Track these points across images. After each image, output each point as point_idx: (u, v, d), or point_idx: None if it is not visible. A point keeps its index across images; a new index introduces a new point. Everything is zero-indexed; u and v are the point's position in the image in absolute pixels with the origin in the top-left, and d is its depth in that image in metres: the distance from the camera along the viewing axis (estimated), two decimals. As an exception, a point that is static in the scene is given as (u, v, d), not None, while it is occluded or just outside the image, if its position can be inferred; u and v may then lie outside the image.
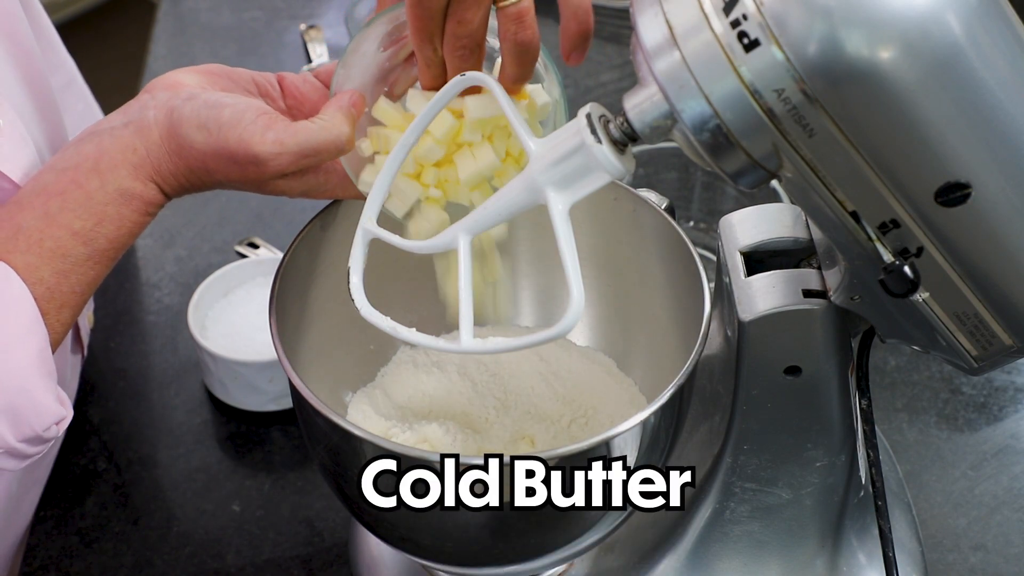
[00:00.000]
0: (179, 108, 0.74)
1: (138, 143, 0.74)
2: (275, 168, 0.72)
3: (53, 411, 0.74)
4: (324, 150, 0.73)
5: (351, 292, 0.73)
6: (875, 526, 0.81)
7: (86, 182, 0.73)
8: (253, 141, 0.72)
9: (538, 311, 0.92)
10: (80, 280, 0.74)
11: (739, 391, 0.78)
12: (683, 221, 1.14)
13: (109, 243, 0.74)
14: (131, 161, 0.73)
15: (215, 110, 0.73)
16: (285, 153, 0.72)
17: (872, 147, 0.61)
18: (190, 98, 0.74)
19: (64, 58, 1.09)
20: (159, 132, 0.74)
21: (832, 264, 0.74)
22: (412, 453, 0.71)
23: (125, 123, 0.74)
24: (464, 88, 0.73)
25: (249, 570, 0.95)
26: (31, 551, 0.96)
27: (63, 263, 0.73)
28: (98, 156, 0.73)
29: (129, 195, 0.73)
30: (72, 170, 0.73)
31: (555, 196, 0.67)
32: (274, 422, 1.05)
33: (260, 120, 0.72)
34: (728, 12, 0.59)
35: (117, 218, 0.73)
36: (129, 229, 0.74)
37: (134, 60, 1.67)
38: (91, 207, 0.73)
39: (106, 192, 0.73)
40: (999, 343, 0.70)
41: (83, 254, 0.73)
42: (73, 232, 0.73)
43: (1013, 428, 1.04)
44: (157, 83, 0.77)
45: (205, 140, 0.72)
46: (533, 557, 0.77)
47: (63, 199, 0.73)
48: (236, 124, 0.72)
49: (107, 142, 0.74)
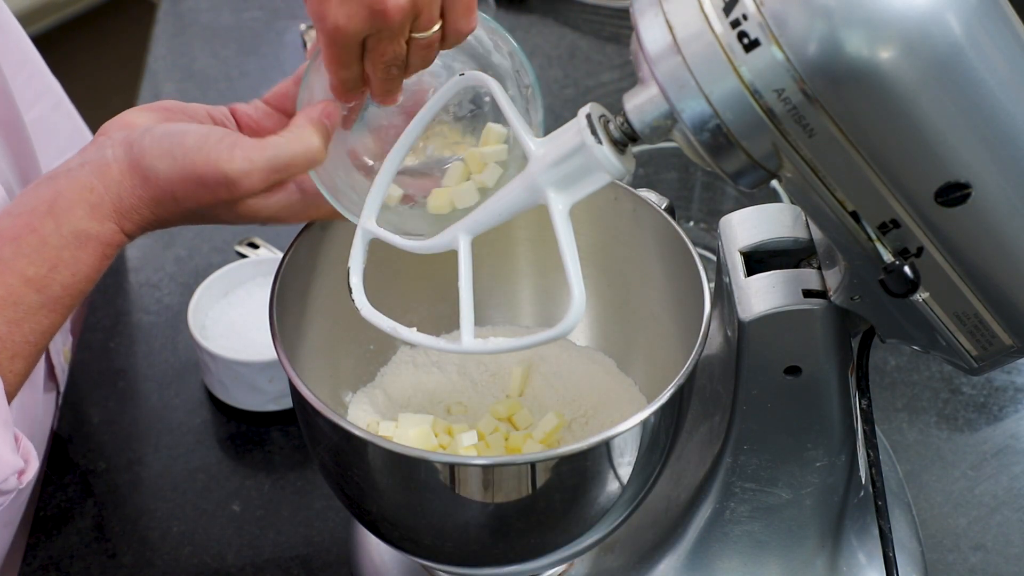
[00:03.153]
0: (138, 141, 0.72)
1: (96, 182, 0.72)
2: (247, 186, 0.71)
3: (8, 462, 0.71)
4: (294, 163, 0.72)
5: (351, 292, 0.73)
6: (875, 526, 0.81)
7: (41, 226, 0.71)
8: (221, 160, 0.71)
9: (538, 311, 0.92)
10: (33, 329, 0.71)
11: (739, 391, 0.78)
12: (683, 221, 1.14)
13: (64, 290, 0.72)
14: (88, 200, 0.71)
15: (178, 137, 0.72)
16: (255, 170, 0.71)
17: (872, 147, 0.61)
18: (148, 130, 0.73)
19: (49, 82, 1.08)
20: (119, 168, 0.72)
21: (832, 264, 0.74)
22: (412, 453, 0.71)
23: (81, 163, 0.73)
24: (461, 88, 0.73)
25: (249, 570, 0.95)
26: (31, 551, 0.96)
27: (15, 312, 0.70)
28: (54, 198, 0.71)
29: (85, 237, 0.71)
30: (27, 214, 0.71)
31: (555, 196, 0.67)
32: (274, 422, 1.05)
33: (226, 140, 0.71)
34: (728, 12, 0.59)
35: (72, 263, 0.71)
36: (85, 274, 0.72)
37: (134, 60, 1.67)
38: (45, 252, 0.71)
39: (61, 235, 0.71)
40: (999, 343, 0.70)
41: (36, 302, 0.71)
42: (26, 279, 0.70)
43: (1013, 428, 1.04)
44: (112, 125, 0.75)
45: (171, 167, 0.71)
46: (533, 557, 0.77)
47: (17, 245, 0.70)
48: (202, 147, 0.71)
49: (63, 184, 0.72)
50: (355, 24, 0.69)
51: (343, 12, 0.69)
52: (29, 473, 0.73)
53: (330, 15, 0.69)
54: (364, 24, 0.69)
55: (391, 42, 0.71)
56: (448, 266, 0.72)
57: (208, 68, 1.43)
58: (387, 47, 0.71)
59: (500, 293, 0.91)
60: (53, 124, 1.05)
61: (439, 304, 0.88)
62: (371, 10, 0.69)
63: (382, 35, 0.70)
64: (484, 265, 0.82)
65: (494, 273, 0.89)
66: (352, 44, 0.71)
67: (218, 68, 1.43)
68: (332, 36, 0.70)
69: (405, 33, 0.71)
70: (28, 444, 0.73)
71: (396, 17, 0.69)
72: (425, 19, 0.71)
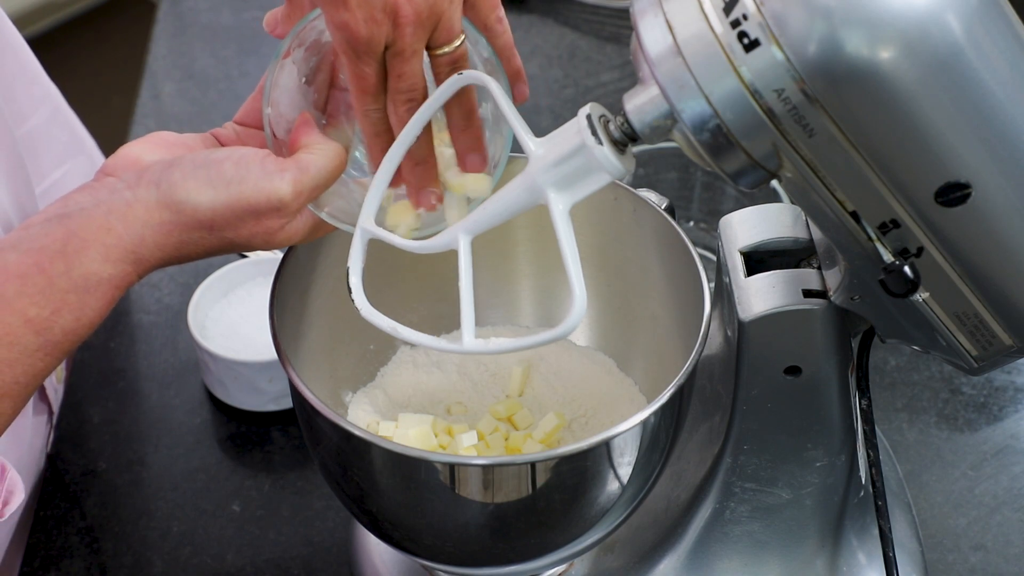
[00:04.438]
0: (166, 177, 0.70)
1: (115, 222, 0.69)
2: (295, 208, 0.71)
3: None
4: (331, 176, 0.72)
5: (351, 292, 0.73)
6: (875, 526, 0.81)
7: (50, 266, 0.68)
8: (273, 187, 0.70)
9: (538, 311, 0.92)
10: (26, 372, 0.68)
11: (739, 391, 0.78)
12: (683, 221, 1.14)
13: (64, 335, 0.69)
14: (104, 242, 0.69)
15: (214, 167, 0.70)
16: (304, 191, 0.71)
17: (872, 147, 0.61)
18: (174, 164, 0.71)
19: (47, 88, 1.07)
20: (144, 207, 0.70)
21: (832, 264, 0.74)
22: (412, 453, 0.71)
23: (96, 203, 0.70)
24: (460, 87, 0.73)
25: (249, 570, 0.95)
26: (31, 551, 0.96)
27: (10, 352, 0.67)
28: (66, 238, 0.69)
29: (96, 281, 0.69)
30: (36, 252, 0.68)
31: (556, 196, 0.67)
32: (274, 422, 1.05)
33: (267, 164, 0.70)
34: (728, 12, 0.59)
35: (78, 307, 0.69)
36: (89, 319, 0.69)
37: (134, 60, 1.67)
38: (51, 294, 0.68)
39: (71, 278, 0.68)
40: (999, 343, 0.70)
41: (34, 344, 0.68)
42: (27, 319, 0.67)
43: (1013, 428, 1.04)
44: (115, 164, 0.73)
45: (214, 198, 0.69)
46: (533, 557, 0.77)
47: (22, 283, 0.68)
48: (246, 175, 0.70)
49: (76, 224, 0.69)
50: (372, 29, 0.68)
51: (361, 16, 0.68)
52: (12, 505, 0.71)
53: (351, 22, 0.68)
54: (382, 30, 0.68)
55: (412, 58, 0.70)
56: (448, 266, 0.72)
57: (208, 68, 1.43)
58: (407, 65, 0.70)
59: (500, 293, 0.91)
60: (50, 133, 1.05)
61: (439, 304, 0.88)
62: (384, 12, 0.68)
63: (396, 47, 0.69)
64: (484, 265, 0.82)
65: (494, 273, 0.89)
66: (375, 71, 0.70)
67: (218, 68, 1.43)
68: (352, 45, 0.69)
69: (422, 47, 0.70)
70: (15, 476, 0.72)
71: (410, 18, 0.68)
72: (444, 31, 0.70)
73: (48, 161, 1.04)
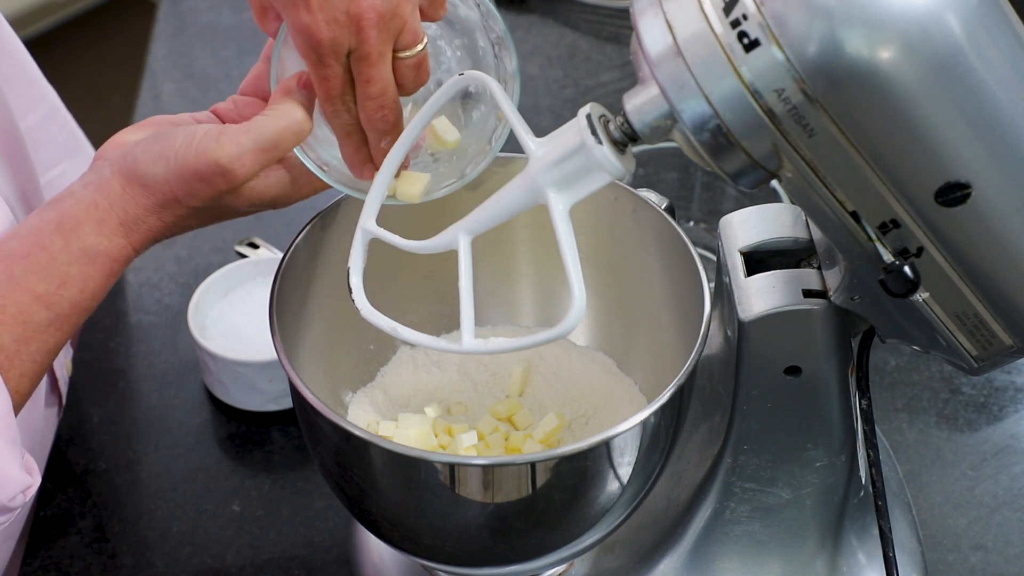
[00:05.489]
0: (130, 153, 0.74)
1: (99, 198, 0.73)
2: (241, 171, 0.72)
3: (18, 480, 0.72)
4: (282, 138, 0.73)
5: (351, 292, 0.73)
6: (875, 526, 0.81)
7: (49, 243, 0.72)
8: (210, 150, 0.72)
9: (538, 311, 0.92)
10: (40, 348, 0.73)
11: (739, 391, 0.78)
12: (683, 221, 1.14)
13: (72, 307, 0.73)
14: (94, 217, 0.73)
15: (166, 139, 0.73)
16: (245, 152, 0.72)
17: (872, 147, 0.61)
18: (137, 143, 0.75)
19: (44, 89, 1.08)
20: (119, 183, 0.74)
21: (832, 264, 0.74)
22: (412, 453, 0.71)
23: (84, 185, 0.75)
24: (461, 87, 0.73)
25: (249, 570, 0.95)
26: (31, 551, 0.96)
27: (24, 329, 0.72)
28: (61, 218, 0.73)
29: (94, 253, 0.73)
30: (34, 234, 0.73)
31: (555, 196, 0.67)
32: (274, 422, 1.05)
33: (212, 131, 0.73)
34: (728, 12, 0.59)
35: (81, 279, 0.73)
36: (92, 291, 0.74)
37: (134, 60, 1.67)
38: (54, 268, 0.72)
39: (70, 252, 0.73)
40: (999, 343, 0.70)
41: (45, 319, 0.72)
42: (36, 296, 0.72)
43: (1013, 428, 1.04)
44: (106, 148, 0.78)
45: (166, 169, 0.73)
46: (533, 557, 0.77)
47: (27, 262, 0.72)
48: (190, 143, 0.72)
49: (68, 204, 0.74)
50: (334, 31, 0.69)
51: (323, 18, 0.69)
52: (32, 489, 0.74)
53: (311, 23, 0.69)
54: (345, 33, 0.70)
55: (378, 62, 0.71)
56: (448, 266, 0.72)
57: (208, 68, 1.43)
58: (374, 70, 0.71)
59: (500, 293, 0.91)
60: (47, 134, 1.05)
61: (439, 304, 0.88)
62: (347, 15, 0.69)
63: (361, 51, 0.70)
64: (484, 265, 0.82)
65: (494, 273, 0.89)
66: (338, 73, 0.71)
67: (218, 68, 1.43)
68: (315, 48, 0.70)
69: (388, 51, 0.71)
70: (31, 460, 0.74)
71: (372, 21, 0.69)
72: (409, 34, 0.72)
73: (46, 160, 1.04)
